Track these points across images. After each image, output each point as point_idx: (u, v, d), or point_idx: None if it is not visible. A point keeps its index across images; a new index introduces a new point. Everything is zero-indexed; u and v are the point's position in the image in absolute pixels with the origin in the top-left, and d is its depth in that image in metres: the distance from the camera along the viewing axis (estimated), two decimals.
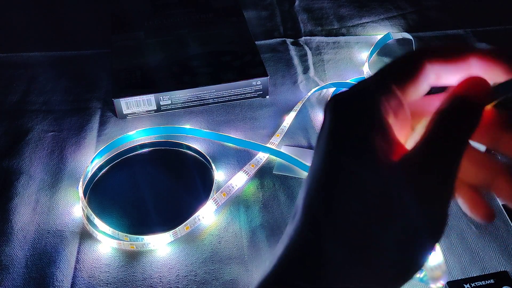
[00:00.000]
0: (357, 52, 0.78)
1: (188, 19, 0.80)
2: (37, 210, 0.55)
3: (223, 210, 0.55)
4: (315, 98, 0.69)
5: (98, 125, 0.66)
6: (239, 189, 0.57)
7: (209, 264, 0.49)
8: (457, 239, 0.51)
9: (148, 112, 0.67)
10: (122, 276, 0.49)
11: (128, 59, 0.71)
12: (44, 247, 0.51)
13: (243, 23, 0.79)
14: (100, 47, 0.79)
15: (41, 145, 0.63)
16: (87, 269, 0.49)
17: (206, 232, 0.53)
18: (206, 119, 0.66)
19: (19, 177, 0.58)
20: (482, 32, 0.82)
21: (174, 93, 0.66)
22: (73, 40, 0.81)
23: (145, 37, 0.76)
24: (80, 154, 0.61)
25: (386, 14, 0.87)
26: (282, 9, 0.90)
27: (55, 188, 0.57)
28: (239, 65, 0.70)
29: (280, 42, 0.81)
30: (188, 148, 0.62)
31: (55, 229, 0.53)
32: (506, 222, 0.53)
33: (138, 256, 0.50)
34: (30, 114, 0.67)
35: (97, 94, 0.71)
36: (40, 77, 0.74)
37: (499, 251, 0.50)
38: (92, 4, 0.90)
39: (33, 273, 0.49)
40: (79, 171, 0.59)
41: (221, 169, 0.59)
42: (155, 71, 0.69)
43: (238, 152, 0.61)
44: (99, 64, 0.76)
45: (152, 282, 0.48)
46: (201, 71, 0.69)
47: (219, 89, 0.67)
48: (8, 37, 0.83)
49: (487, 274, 0.48)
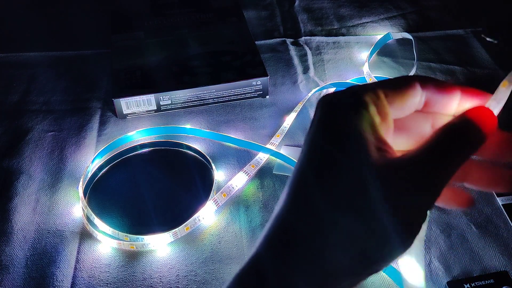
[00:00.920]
0: (357, 52, 0.78)
1: (188, 19, 0.80)
2: (37, 210, 0.55)
3: (223, 210, 0.55)
4: (315, 98, 0.69)
5: (98, 125, 0.66)
6: (239, 189, 0.57)
7: (209, 264, 0.49)
8: (458, 239, 0.51)
9: (148, 112, 0.67)
10: (122, 276, 0.49)
11: (128, 59, 0.71)
12: (44, 247, 0.51)
13: (243, 23, 0.79)
14: (100, 47, 0.79)
15: (41, 145, 0.63)
16: (87, 269, 0.49)
17: (206, 232, 0.53)
18: (206, 119, 0.66)
19: (19, 177, 0.58)
20: (482, 32, 0.82)
21: (174, 93, 0.66)
22: (73, 40, 0.81)
23: (145, 37, 0.76)
24: (80, 154, 0.61)
25: (386, 14, 0.87)
26: (282, 9, 0.90)
27: (55, 188, 0.57)
28: (239, 65, 0.70)
29: (280, 42, 0.81)
30: (188, 148, 0.62)
31: (55, 229, 0.53)
32: (506, 222, 0.53)
33: (138, 256, 0.50)
34: (30, 114, 0.67)
35: (97, 94, 0.71)
36: (40, 77, 0.74)
37: (499, 251, 0.50)
38: (92, 4, 0.90)
39: (33, 273, 0.49)
40: (79, 171, 0.59)
41: (221, 169, 0.59)
42: (155, 71, 0.69)
43: (238, 152, 0.61)
44: (99, 64, 0.76)
45: (152, 282, 0.48)
46: (201, 71, 0.69)
47: (219, 89, 0.67)
48: (8, 37, 0.83)
49: (487, 274, 0.48)
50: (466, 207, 0.29)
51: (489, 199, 0.55)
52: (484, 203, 0.55)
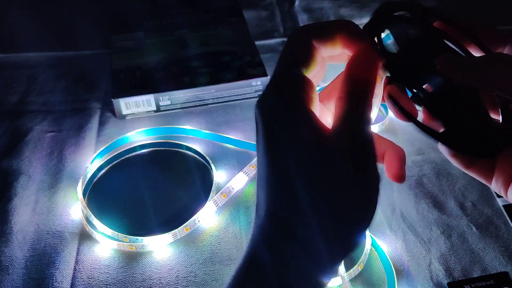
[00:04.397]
0: None
1: (188, 19, 0.80)
2: (37, 211, 0.55)
3: (223, 211, 0.55)
4: None
5: (98, 125, 0.66)
6: (239, 190, 0.57)
7: (209, 265, 0.49)
8: (458, 240, 0.51)
9: (148, 112, 0.67)
10: (122, 277, 0.48)
11: (127, 59, 0.71)
12: (44, 248, 0.51)
13: (243, 23, 0.79)
14: (100, 47, 0.79)
15: (41, 146, 0.62)
16: (86, 270, 0.49)
17: (206, 233, 0.52)
18: (206, 120, 0.66)
19: (19, 178, 0.58)
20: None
21: (173, 93, 0.66)
22: (73, 40, 0.81)
23: (144, 38, 0.76)
24: (80, 154, 0.61)
25: None
26: (282, 9, 0.90)
27: (55, 188, 0.57)
28: (239, 65, 0.70)
29: (280, 42, 0.81)
30: (188, 149, 0.62)
31: (55, 230, 0.53)
32: (507, 223, 0.53)
33: (137, 257, 0.50)
34: (29, 114, 0.67)
35: (97, 94, 0.71)
36: (40, 77, 0.74)
37: (500, 252, 0.50)
38: (92, 4, 0.90)
39: (33, 274, 0.49)
40: (78, 171, 0.59)
41: (221, 170, 0.59)
42: (154, 71, 0.69)
43: (238, 153, 0.61)
44: (99, 64, 0.76)
45: (152, 283, 0.48)
46: (200, 71, 0.69)
47: (218, 89, 0.67)
48: (8, 37, 0.83)
49: (488, 275, 0.48)
50: (395, 181, 0.29)
51: (490, 200, 0.55)
52: (485, 204, 0.55)
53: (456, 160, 0.30)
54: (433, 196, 0.56)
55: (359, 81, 0.27)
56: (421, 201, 0.55)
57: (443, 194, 0.56)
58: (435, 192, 0.56)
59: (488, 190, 0.56)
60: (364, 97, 0.27)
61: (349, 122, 0.26)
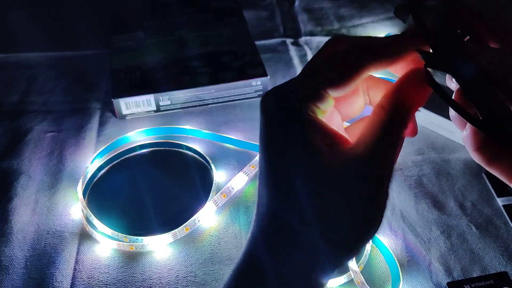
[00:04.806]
0: None
1: (188, 19, 0.80)
2: (37, 211, 0.55)
3: (223, 211, 0.55)
4: None
5: (98, 125, 0.66)
6: (239, 190, 0.57)
7: (209, 265, 0.49)
8: (457, 240, 0.51)
9: (148, 112, 0.67)
10: (122, 277, 0.49)
11: (127, 59, 0.71)
12: (44, 248, 0.51)
13: (243, 23, 0.79)
14: (100, 47, 0.79)
15: (41, 146, 0.62)
16: (86, 270, 0.49)
17: (205, 233, 0.53)
18: (206, 120, 0.66)
19: (19, 178, 0.58)
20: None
21: (173, 93, 0.66)
22: (73, 40, 0.81)
23: (144, 38, 0.76)
24: (80, 154, 0.61)
25: (386, 14, 0.87)
26: (282, 9, 0.90)
27: (55, 188, 0.57)
28: (238, 65, 0.70)
29: (280, 42, 0.81)
30: (188, 149, 0.62)
31: (55, 230, 0.53)
32: (506, 223, 0.53)
33: (137, 257, 0.50)
34: (29, 115, 0.67)
35: (97, 94, 0.71)
36: (40, 78, 0.74)
37: (499, 252, 0.50)
38: (92, 4, 0.90)
39: (33, 274, 0.49)
40: (78, 171, 0.59)
41: (221, 170, 0.59)
42: (154, 71, 0.69)
43: (238, 153, 0.61)
44: (99, 64, 0.76)
45: (152, 283, 0.48)
46: (200, 71, 0.69)
47: (218, 89, 0.67)
48: (8, 37, 0.83)
49: (487, 274, 0.48)
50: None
51: (489, 200, 0.55)
52: (484, 204, 0.55)
53: (479, 155, 0.29)
54: (433, 196, 0.56)
55: (406, 101, 0.27)
56: (421, 201, 0.55)
57: (443, 194, 0.56)
58: (435, 192, 0.56)
59: (488, 190, 0.56)
60: (404, 121, 0.26)
61: (382, 142, 0.25)
